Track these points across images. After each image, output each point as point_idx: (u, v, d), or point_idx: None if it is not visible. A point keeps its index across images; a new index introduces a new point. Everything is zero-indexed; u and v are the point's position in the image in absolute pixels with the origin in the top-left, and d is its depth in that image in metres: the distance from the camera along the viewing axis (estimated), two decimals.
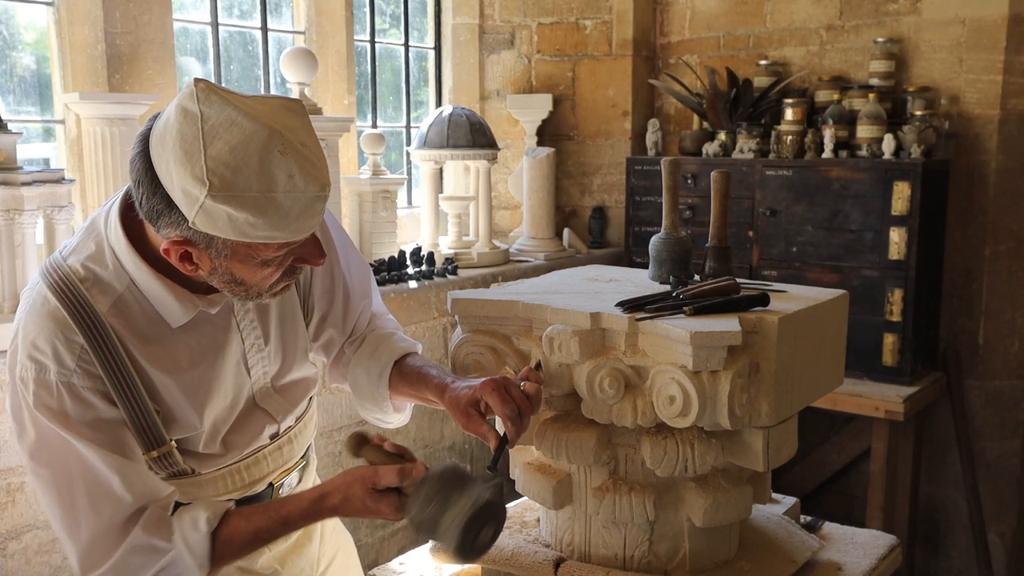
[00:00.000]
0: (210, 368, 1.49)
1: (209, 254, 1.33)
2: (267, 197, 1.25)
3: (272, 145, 1.25)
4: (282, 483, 1.67)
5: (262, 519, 1.43)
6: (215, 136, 1.23)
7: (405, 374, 1.69)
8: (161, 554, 1.37)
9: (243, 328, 1.55)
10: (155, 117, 1.32)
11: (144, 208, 1.32)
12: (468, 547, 1.37)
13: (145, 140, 1.31)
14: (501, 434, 1.52)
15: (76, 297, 1.36)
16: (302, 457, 1.73)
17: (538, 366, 1.58)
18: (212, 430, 1.51)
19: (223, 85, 1.41)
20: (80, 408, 1.35)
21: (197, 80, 1.27)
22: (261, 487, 1.62)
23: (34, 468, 1.39)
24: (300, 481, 1.73)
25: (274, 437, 1.64)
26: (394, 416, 1.77)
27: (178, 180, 1.25)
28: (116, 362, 1.37)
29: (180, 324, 1.44)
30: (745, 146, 4.04)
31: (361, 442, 1.49)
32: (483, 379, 1.54)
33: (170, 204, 1.28)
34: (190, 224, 1.27)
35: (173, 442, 1.45)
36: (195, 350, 1.47)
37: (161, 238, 1.34)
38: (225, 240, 1.30)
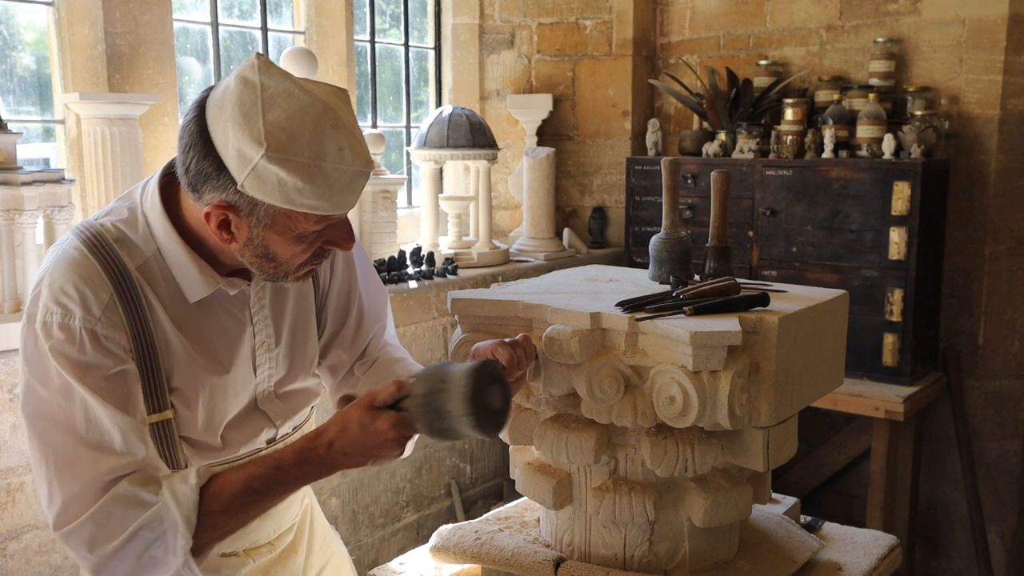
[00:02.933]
0: (217, 357, 1.50)
1: (249, 222, 1.35)
2: (317, 165, 1.29)
3: (325, 119, 1.30)
4: None
5: (254, 467, 1.40)
6: (274, 103, 1.29)
7: None
8: (146, 507, 1.34)
9: (256, 323, 1.55)
10: (210, 88, 1.36)
11: (191, 172, 1.34)
12: (480, 407, 1.31)
13: (200, 107, 1.34)
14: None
15: (108, 251, 1.39)
16: None
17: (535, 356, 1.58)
18: (209, 417, 1.50)
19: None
20: (98, 358, 1.35)
21: (258, 55, 1.34)
22: None
23: (37, 413, 1.36)
24: None
25: (270, 442, 1.63)
26: None
27: (234, 141, 1.28)
28: (141, 317, 1.39)
29: (197, 298, 1.45)
30: (745, 146, 4.04)
31: (350, 400, 1.48)
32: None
33: (220, 167, 1.31)
34: (239, 187, 1.30)
35: (173, 409, 1.45)
36: (207, 333, 1.48)
37: (201, 205, 1.36)
38: (268, 207, 1.33)
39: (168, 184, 1.43)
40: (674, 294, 1.60)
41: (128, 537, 1.33)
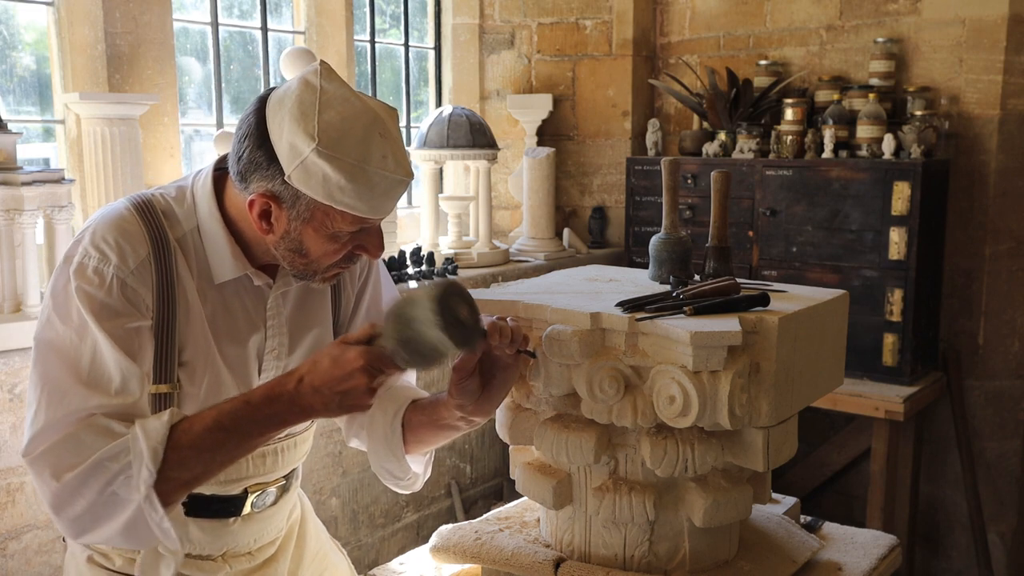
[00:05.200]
0: (225, 343, 1.52)
1: (289, 214, 1.41)
2: (361, 167, 1.36)
3: (375, 127, 1.39)
4: (257, 493, 1.65)
5: (225, 403, 1.40)
6: (330, 106, 1.37)
7: (420, 407, 1.67)
8: (115, 437, 1.34)
9: (269, 328, 1.57)
10: (273, 88, 1.46)
11: (243, 161, 1.41)
12: (447, 311, 1.32)
13: (261, 101, 1.44)
14: None
15: (153, 217, 1.47)
16: (284, 477, 1.71)
17: (532, 354, 1.57)
18: (207, 400, 1.50)
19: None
20: (122, 305, 1.40)
21: (322, 61, 1.44)
22: (236, 490, 1.61)
23: (47, 343, 1.39)
24: (275, 502, 1.69)
25: None
26: (408, 465, 1.72)
27: (288, 134, 1.37)
28: (170, 282, 1.45)
29: (224, 279, 1.50)
30: (745, 146, 4.04)
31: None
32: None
33: (271, 158, 1.39)
34: (285, 178, 1.38)
35: (178, 384, 1.47)
36: (221, 317, 1.52)
37: (247, 195, 1.43)
38: (309, 201, 1.39)
39: (218, 178, 1.52)
40: (674, 294, 1.60)
41: (92, 465, 1.32)
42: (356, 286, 1.73)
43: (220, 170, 1.52)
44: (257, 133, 1.40)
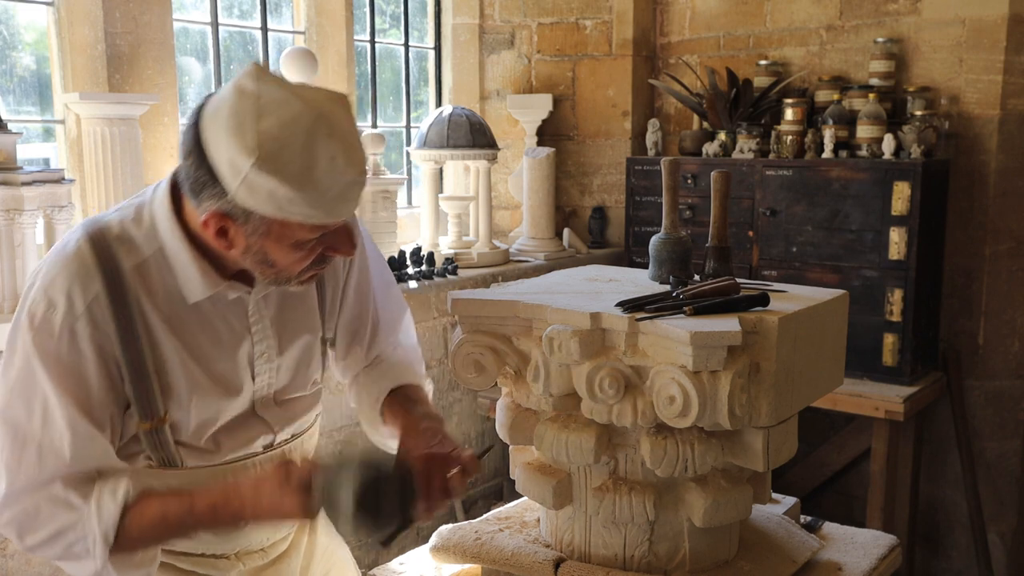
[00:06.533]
0: (210, 363, 1.49)
1: (245, 231, 1.34)
2: (307, 175, 1.28)
3: (319, 127, 1.29)
4: None
5: (174, 503, 1.41)
6: (267, 112, 1.28)
7: (393, 411, 1.68)
8: (71, 511, 1.37)
9: (255, 332, 1.54)
10: (210, 95, 1.36)
11: (190, 179, 1.34)
12: (367, 514, 1.33)
13: (198, 114, 1.34)
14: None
15: (105, 248, 1.40)
16: None
17: (484, 453, 1.52)
18: (200, 422, 1.50)
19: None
20: (72, 355, 1.37)
21: (255, 63, 1.35)
22: None
23: (3, 403, 1.40)
24: None
25: (267, 448, 1.62)
26: (393, 443, 1.71)
27: (226, 151, 1.28)
28: (128, 316, 1.40)
29: (197, 298, 1.45)
30: (745, 146, 4.04)
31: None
32: (423, 449, 1.48)
33: (214, 176, 1.30)
34: (230, 197, 1.30)
35: (168, 415, 1.45)
36: (201, 338, 1.48)
37: (201, 212, 1.35)
38: (262, 217, 1.31)
39: (177, 190, 1.45)
40: (674, 294, 1.60)
41: (52, 535, 1.39)
42: (342, 276, 1.70)
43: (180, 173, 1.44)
44: (197, 151, 1.31)
